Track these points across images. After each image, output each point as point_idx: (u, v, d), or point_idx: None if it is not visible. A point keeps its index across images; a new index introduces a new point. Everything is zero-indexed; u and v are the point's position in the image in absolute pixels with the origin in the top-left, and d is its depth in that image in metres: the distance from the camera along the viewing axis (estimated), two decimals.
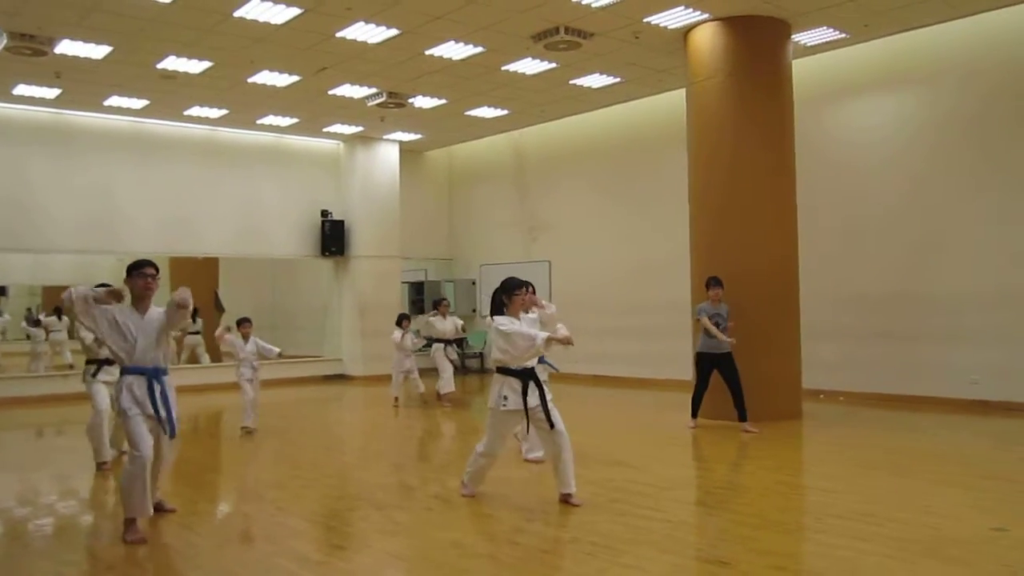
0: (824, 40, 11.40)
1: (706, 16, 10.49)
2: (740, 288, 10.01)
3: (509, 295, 6.39)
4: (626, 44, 11.32)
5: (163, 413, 5.70)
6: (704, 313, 9.67)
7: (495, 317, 6.40)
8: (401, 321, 12.90)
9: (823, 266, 11.90)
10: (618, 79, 13.06)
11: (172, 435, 5.83)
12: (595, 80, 13.11)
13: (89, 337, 7.85)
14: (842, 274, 12.04)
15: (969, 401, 10.83)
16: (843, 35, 11.23)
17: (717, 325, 9.60)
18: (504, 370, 6.31)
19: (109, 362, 7.83)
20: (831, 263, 12.03)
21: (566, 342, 6.04)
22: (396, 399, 12.86)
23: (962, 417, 10.37)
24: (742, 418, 9.57)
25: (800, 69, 11.31)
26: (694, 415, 10.00)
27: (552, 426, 6.21)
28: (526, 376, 6.28)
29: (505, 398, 6.27)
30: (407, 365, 12.75)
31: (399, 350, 12.68)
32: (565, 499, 6.28)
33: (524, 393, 6.24)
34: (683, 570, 4.92)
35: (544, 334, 6.10)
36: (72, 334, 16.46)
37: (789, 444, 9.11)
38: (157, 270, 5.90)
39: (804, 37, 11.19)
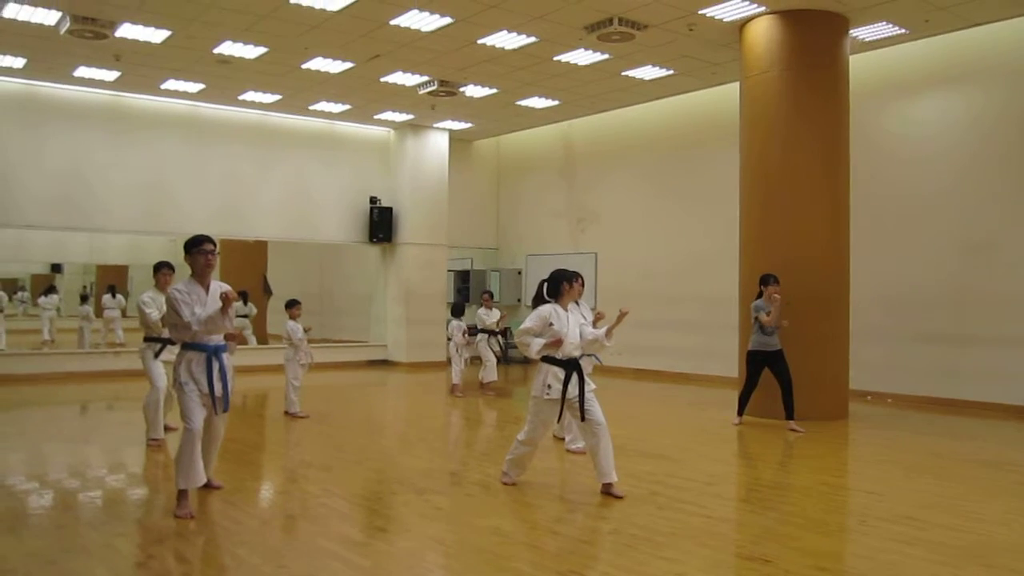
0: (883, 36, 11.20)
1: (762, 9, 10.36)
2: (789, 285, 9.89)
3: (558, 285, 6.46)
4: (680, 36, 11.23)
5: (219, 391, 5.83)
6: (760, 311, 9.58)
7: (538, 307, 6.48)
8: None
9: (873, 264, 11.73)
10: (671, 71, 12.97)
11: (226, 409, 5.97)
12: (647, 72, 13.03)
13: (155, 315, 7.99)
14: (892, 274, 11.85)
15: (1020, 407, 10.59)
16: (902, 31, 11.02)
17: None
18: (549, 359, 6.35)
19: (172, 341, 7.98)
20: (882, 262, 11.85)
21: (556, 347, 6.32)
22: (455, 386, 12.87)
23: (1013, 424, 10.16)
24: (789, 416, 9.48)
25: (857, 64, 11.14)
26: (740, 412, 9.92)
27: (583, 417, 6.24)
28: (570, 366, 6.31)
29: (549, 387, 6.32)
30: (466, 353, 13.03)
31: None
32: (607, 490, 6.29)
33: (566, 383, 6.27)
34: (723, 566, 4.90)
35: (540, 343, 6.29)
36: (125, 312, 16.85)
37: (834, 445, 9.01)
38: (215, 245, 6.02)
39: (862, 32, 11.00)
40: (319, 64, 12.73)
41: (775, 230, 10.44)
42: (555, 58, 12.28)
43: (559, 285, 6.51)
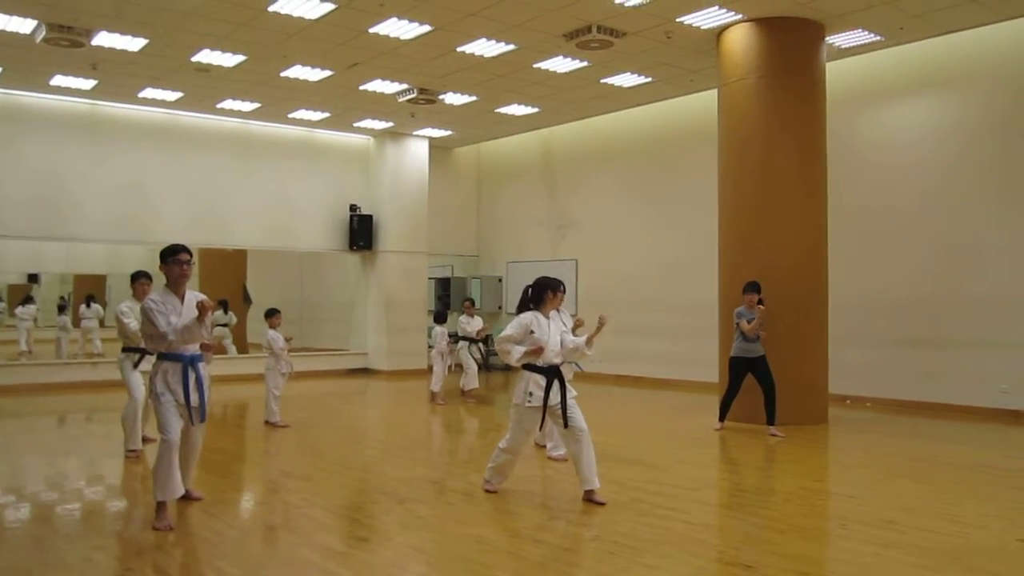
0: (859, 43, 11.30)
1: (739, 17, 10.44)
2: (768, 290, 9.94)
3: (542, 293, 6.51)
4: (658, 44, 11.29)
5: (195, 401, 5.78)
6: (742, 318, 9.63)
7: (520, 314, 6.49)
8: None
9: (852, 270, 11.81)
10: (649, 79, 13.03)
11: (203, 419, 5.92)
12: (626, 79, 13.09)
13: (134, 325, 7.90)
14: (871, 279, 11.94)
15: (998, 410, 10.70)
16: (878, 38, 11.12)
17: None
18: (530, 367, 6.36)
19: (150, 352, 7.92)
20: (860, 267, 11.94)
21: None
22: (435, 394, 12.83)
23: (991, 426, 10.26)
24: (770, 422, 9.54)
25: (834, 71, 11.23)
26: (721, 418, 9.96)
27: (566, 424, 6.24)
28: (551, 373, 6.32)
29: (531, 394, 6.34)
30: (450, 360, 13.02)
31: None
32: (588, 496, 6.30)
33: (548, 390, 6.28)
34: (705, 572, 4.91)
35: (520, 350, 6.30)
36: (103, 323, 16.69)
37: (814, 449, 9.06)
38: (191, 255, 5.96)
39: (838, 39, 11.10)
40: (298, 72, 12.70)
41: (754, 236, 10.50)
42: (534, 65, 12.31)
43: (543, 293, 6.54)
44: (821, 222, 10.61)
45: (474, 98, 14.26)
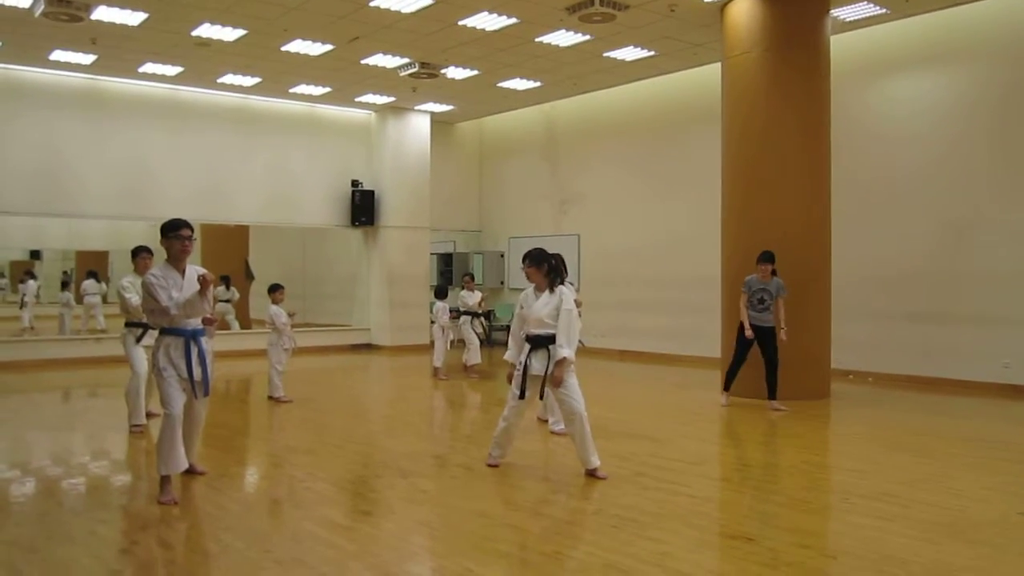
0: (864, 15, 11.21)
1: None
2: None
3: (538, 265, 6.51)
4: (661, 17, 11.20)
5: (198, 375, 5.79)
6: (748, 287, 9.57)
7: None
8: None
9: (854, 244, 11.77)
10: (652, 52, 12.94)
11: (206, 393, 5.93)
12: (629, 53, 13.00)
13: (135, 300, 7.87)
14: (874, 253, 11.91)
15: (1000, 385, 10.71)
16: (883, 11, 11.03)
17: (762, 301, 9.53)
18: (526, 337, 6.43)
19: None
20: (863, 241, 11.90)
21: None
22: (437, 369, 12.85)
23: (993, 401, 10.28)
24: (772, 396, 9.54)
25: (838, 44, 11.14)
26: (726, 388, 9.93)
27: (541, 396, 6.41)
28: (534, 343, 6.36)
29: (521, 362, 6.38)
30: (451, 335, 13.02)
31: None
32: (590, 473, 6.34)
33: (529, 357, 6.35)
34: (707, 545, 4.94)
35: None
36: (107, 298, 16.72)
37: (817, 424, 9.08)
38: (192, 230, 5.92)
39: (843, 12, 11.02)
40: (298, 46, 12.62)
41: (757, 210, 10.46)
42: (536, 39, 12.22)
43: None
44: (824, 196, 10.56)
45: (476, 72, 14.17)
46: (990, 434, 8.37)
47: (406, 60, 13.44)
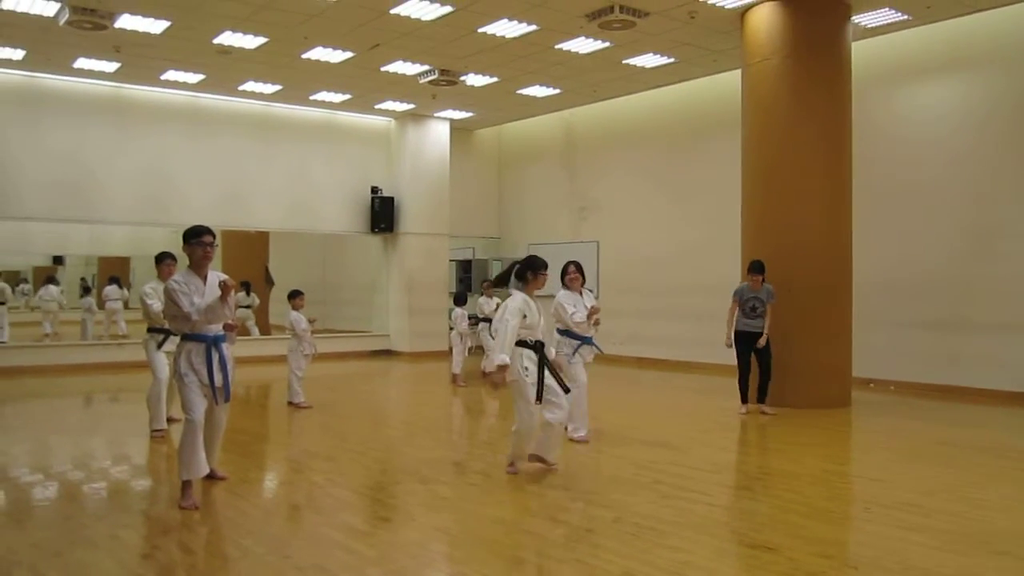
0: (885, 22, 11.15)
1: None
2: (791, 271, 9.90)
3: (534, 273, 6.61)
4: (681, 24, 11.19)
5: (219, 381, 5.82)
6: (738, 295, 9.65)
7: (511, 295, 6.61)
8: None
9: (876, 252, 11.69)
10: (672, 59, 12.92)
11: (227, 399, 5.97)
12: (649, 60, 12.99)
13: (157, 306, 7.95)
14: (895, 261, 11.82)
15: (1022, 394, 10.57)
16: (905, 17, 10.97)
17: (754, 309, 9.66)
18: (521, 343, 6.48)
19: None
20: (884, 249, 11.81)
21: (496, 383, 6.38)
22: (456, 376, 12.88)
23: (1015, 410, 10.16)
24: (761, 400, 9.71)
25: (859, 51, 11.09)
26: (744, 400, 9.93)
27: (539, 399, 6.45)
28: (539, 349, 6.50)
29: (526, 368, 6.44)
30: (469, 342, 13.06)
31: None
32: (536, 459, 6.73)
33: (542, 364, 6.45)
34: (727, 554, 4.91)
35: (504, 357, 6.25)
36: (128, 304, 16.84)
37: (838, 432, 9.01)
38: (214, 237, 5.98)
39: (865, 19, 10.95)
40: (319, 54, 12.69)
41: (777, 217, 10.42)
42: (556, 46, 12.23)
43: (525, 273, 6.62)
44: (845, 203, 10.50)
45: (495, 79, 14.20)
46: (1012, 444, 8.28)
47: (426, 67, 13.49)
